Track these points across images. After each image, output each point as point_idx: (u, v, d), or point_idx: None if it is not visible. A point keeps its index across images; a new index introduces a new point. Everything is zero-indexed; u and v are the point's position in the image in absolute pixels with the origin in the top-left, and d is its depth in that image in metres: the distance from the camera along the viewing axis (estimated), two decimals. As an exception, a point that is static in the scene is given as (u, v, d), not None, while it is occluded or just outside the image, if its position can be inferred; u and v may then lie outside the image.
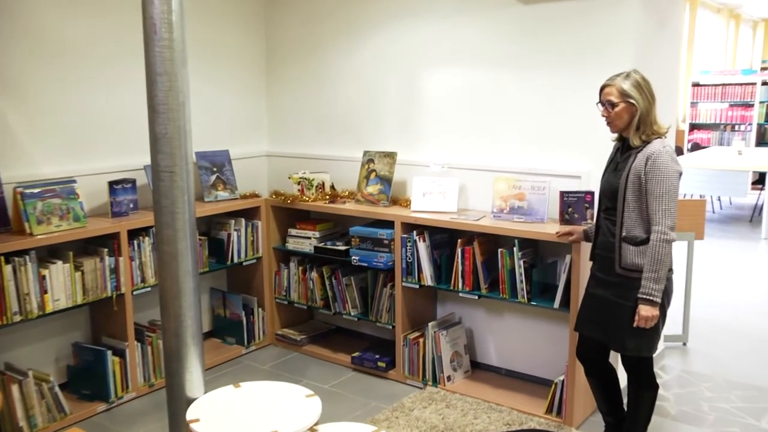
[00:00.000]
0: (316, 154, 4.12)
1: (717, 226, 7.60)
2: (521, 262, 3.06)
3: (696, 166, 7.23)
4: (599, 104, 2.47)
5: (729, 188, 7.13)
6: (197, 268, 2.27)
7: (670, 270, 2.43)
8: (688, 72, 10.77)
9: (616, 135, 2.55)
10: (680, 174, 2.35)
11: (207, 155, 3.88)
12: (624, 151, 2.47)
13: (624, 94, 2.40)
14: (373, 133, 3.91)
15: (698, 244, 6.29)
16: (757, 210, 8.06)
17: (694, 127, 10.35)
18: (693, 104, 10.25)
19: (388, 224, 3.49)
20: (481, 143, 3.50)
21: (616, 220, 2.43)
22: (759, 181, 8.31)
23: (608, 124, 2.46)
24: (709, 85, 10.08)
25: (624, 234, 2.41)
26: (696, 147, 9.50)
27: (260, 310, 4.02)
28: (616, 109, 2.41)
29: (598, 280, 2.54)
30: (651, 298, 2.33)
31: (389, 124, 3.85)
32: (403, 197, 3.68)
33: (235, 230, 3.82)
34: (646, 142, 2.39)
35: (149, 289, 3.34)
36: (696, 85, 10.19)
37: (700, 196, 7.72)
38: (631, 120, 2.40)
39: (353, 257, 3.56)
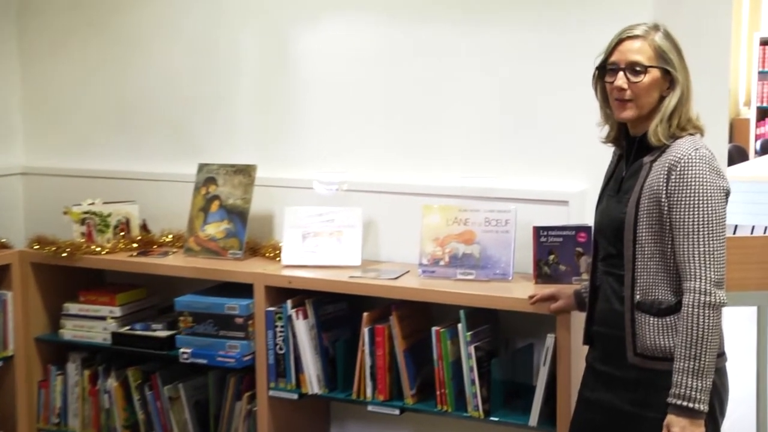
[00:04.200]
0: (115, 171, 4.15)
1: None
2: (472, 349, 3.17)
3: (768, 178, 7.67)
4: (608, 70, 2.54)
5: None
6: None
7: (721, 355, 2.54)
8: (754, 23, 11.44)
9: (609, 132, 2.67)
10: (727, 193, 2.50)
11: None
12: (631, 159, 2.61)
13: (661, 56, 2.49)
14: (216, 133, 3.99)
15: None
16: None
17: (765, 113, 10.99)
18: (763, 75, 10.89)
19: (243, 290, 3.54)
20: (402, 149, 3.65)
21: (625, 274, 2.53)
22: None
23: (621, 105, 2.51)
24: (788, 44, 10.78)
25: (639, 298, 2.50)
26: (769, 146, 10.12)
27: (11, 453, 3.96)
28: (644, 79, 2.48)
29: (600, 376, 2.64)
30: (690, 404, 2.38)
31: (243, 120, 3.94)
32: (269, 242, 3.76)
33: (-36, 308, 3.79)
34: (665, 144, 2.50)
35: None
36: (767, 43, 10.87)
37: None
38: (657, 102, 2.51)
39: (182, 350, 3.59)
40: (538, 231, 3.24)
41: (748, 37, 11.20)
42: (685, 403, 2.40)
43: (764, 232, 8.13)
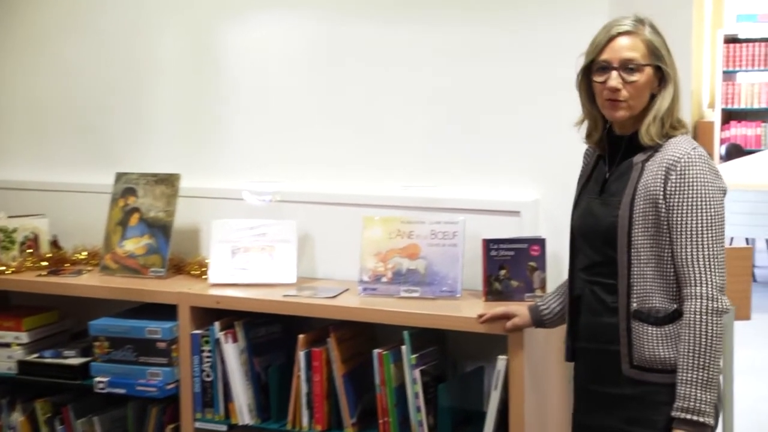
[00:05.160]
0: (22, 181, 4.13)
1: (777, 293, 8.20)
2: (417, 373, 3.19)
3: (735, 185, 7.79)
4: (597, 69, 2.57)
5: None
6: None
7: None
8: (717, 19, 11.66)
9: (591, 133, 2.71)
10: (724, 193, 2.55)
11: None
12: (617, 159, 2.68)
13: (654, 52, 2.57)
14: (135, 140, 3.99)
15: (742, 327, 6.72)
16: None
17: (730, 116, 11.20)
18: (727, 75, 11.12)
19: (166, 312, 3.53)
20: (340, 156, 3.68)
21: (619, 282, 2.59)
22: None
23: (614, 106, 2.57)
24: (755, 41, 11.00)
25: (636, 307, 2.57)
26: (735, 152, 10.30)
27: None
28: (641, 79, 2.56)
29: (592, 396, 2.70)
30: (699, 417, 2.44)
31: (165, 125, 3.95)
32: (195, 259, 3.77)
33: None
34: (658, 143, 2.57)
35: None
36: (732, 41, 11.09)
37: (747, 241, 8.32)
38: (648, 103, 2.59)
39: (97, 379, 3.57)
40: (488, 244, 3.28)
41: (711, 36, 11.41)
42: (694, 417, 2.46)
43: (730, 243, 8.27)
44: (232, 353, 3.42)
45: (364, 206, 3.53)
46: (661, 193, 2.52)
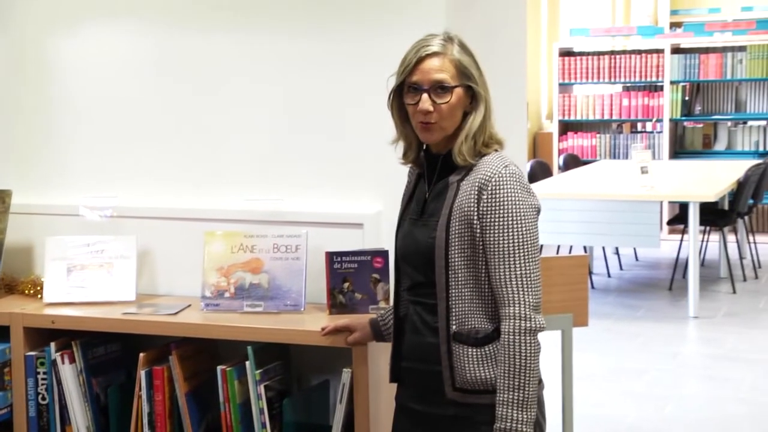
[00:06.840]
0: None
1: (614, 300, 8.49)
2: (261, 389, 3.20)
3: (572, 195, 8.08)
4: (408, 91, 2.62)
5: (630, 233, 7.99)
6: None
7: (540, 382, 2.60)
8: (552, 33, 12.08)
9: (407, 152, 2.74)
10: (538, 210, 2.59)
11: None
12: (434, 179, 2.69)
13: (463, 72, 2.59)
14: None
15: (580, 333, 6.92)
16: (679, 269, 8.93)
17: (567, 127, 11.59)
18: (564, 87, 11.50)
19: (-1, 333, 3.46)
20: (179, 170, 3.67)
21: (438, 304, 2.60)
22: (679, 218, 9.14)
23: (427, 128, 2.60)
24: (588, 54, 11.41)
25: (455, 329, 2.58)
26: (571, 162, 10.63)
27: None
28: (451, 100, 2.58)
29: (415, 416, 2.71)
30: None
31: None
32: (28, 278, 3.70)
33: None
34: (471, 163, 2.60)
35: None
36: (566, 54, 11.48)
37: (584, 249, 8.59)
38: (461, 120, 2.62)
39: None
40: (332, 257, 3.30)
41: (547, 49, 11.80)
42: None
43: (569, 252, 8.51)
44: (70, 374, 3.37)
45: (205, 221, 3.53)
46: (475, 213, 2.54)
